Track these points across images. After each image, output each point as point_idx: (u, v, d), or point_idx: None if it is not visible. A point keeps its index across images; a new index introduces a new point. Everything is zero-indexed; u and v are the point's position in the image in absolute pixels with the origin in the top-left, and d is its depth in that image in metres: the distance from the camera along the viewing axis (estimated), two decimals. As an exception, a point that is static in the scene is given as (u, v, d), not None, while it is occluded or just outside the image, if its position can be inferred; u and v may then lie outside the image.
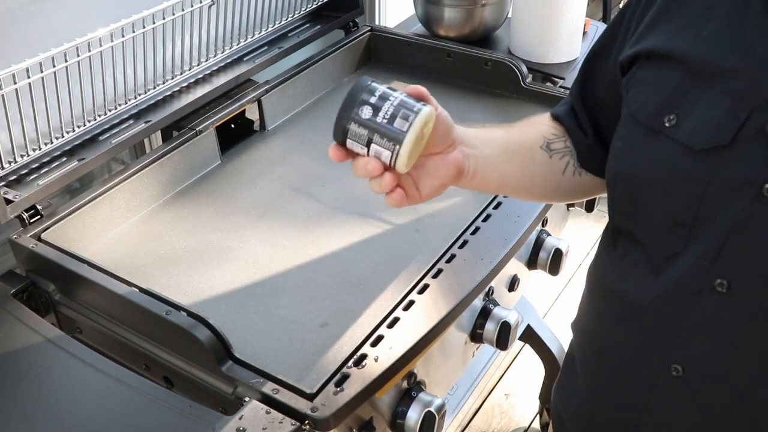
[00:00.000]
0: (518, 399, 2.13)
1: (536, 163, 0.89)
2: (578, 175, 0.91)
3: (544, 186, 0.92)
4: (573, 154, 0.90)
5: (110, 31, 1.14)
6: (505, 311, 1.15)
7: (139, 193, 1.24)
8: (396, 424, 0.99)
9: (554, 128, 0.92)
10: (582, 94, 0.91)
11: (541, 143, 0.89)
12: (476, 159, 0.82)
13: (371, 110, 0.75)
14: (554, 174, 0.90)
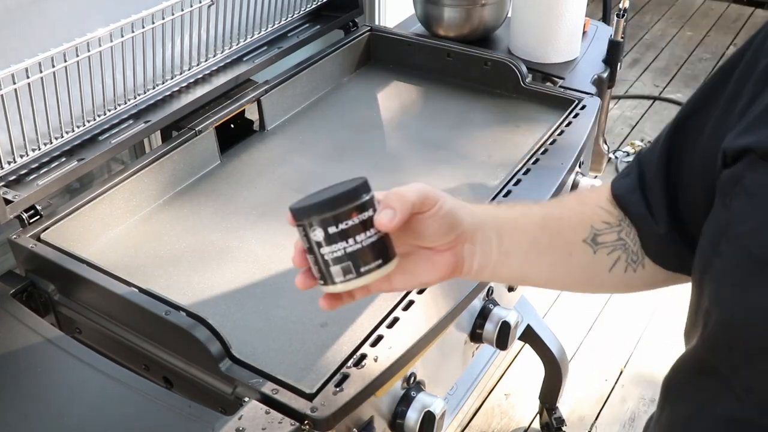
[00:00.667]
0: (518, 399, 2.13)
1: (573, 259, 0.72)
2: (632, 271, 0.72)
3: (580, 284, 0.76)
4: (627, 248, 0.72)
5: (110, 31, 1.14)
6: (504, 311, 1.15)
7: (138, 193, 1.24)
8: (396, 424, 0.99)
9: (609, 213, 0.72)
10: (666, 171, 0.69)
11: (586, 235, 0.71)
12: (486, 257, 0.68)
13: (323, 234, 0.62)
14: (597, 272, 0.72)
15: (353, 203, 0.62)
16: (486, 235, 0.68)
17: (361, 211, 0.62)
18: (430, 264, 0.67)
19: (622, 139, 3.31)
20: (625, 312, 2.42)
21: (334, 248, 0.63)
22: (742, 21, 4.30)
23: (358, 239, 0.62)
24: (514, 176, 1.25)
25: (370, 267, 0.63)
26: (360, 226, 0.62)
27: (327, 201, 0.62)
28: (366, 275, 0.64)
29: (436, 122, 1.49)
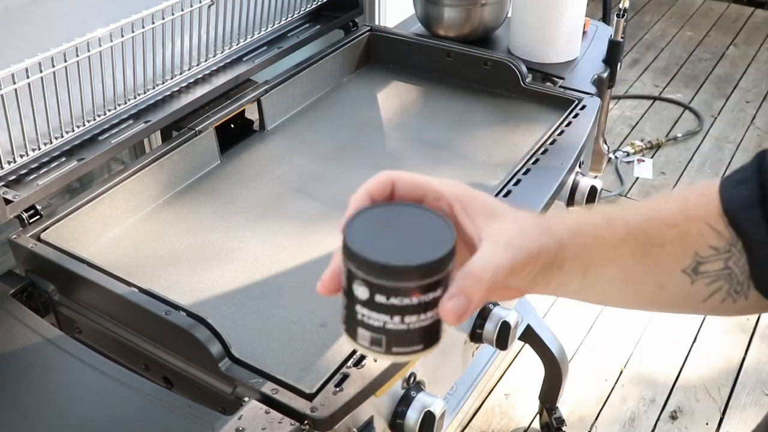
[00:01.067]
0: (518, 399, 2.13)
1: (665, 291, 0.60)
2: (731, 302, 0.60)
3: (662, 308, 0.65)
4: (732, 278, 0.59)
5: (110, 31, 1.14)
6: (504, 311, 1.15)
7: (138, 193, 1.24)
8: (395, 424, 0.99)
9: (718, 235, 0.58)
10: None
11: (687, 264, 0.58)
12: (563, 289, 0.57)
13: (368, 296, 0.50)
14: (688, 301, 0.61)
15: (421, 281, 0.48)
16: (568, 269, 0.56)
17: (426, 292, 0.49)
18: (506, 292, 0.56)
19: (622, 139, 3.31)
20: (625, 312, 2.42)
21: (373, 316, 0.50)
22: (742, 21, 4.30)
23: (407, 320, 0.50)
24: (514, 176, 1.25)
25: (406, 350, 0.51)
26: (417, 308, 0.49)
27: (389, 267, 0.47)
28: (396, 356, 0.52)
29: (436, 122, 1.49)
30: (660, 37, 4.12)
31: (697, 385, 2.18)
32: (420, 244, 0.48)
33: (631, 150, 3.18)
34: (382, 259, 0.47)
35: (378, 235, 0.50)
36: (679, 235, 0.58)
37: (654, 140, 3.25)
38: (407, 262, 0.47)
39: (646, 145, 3.23)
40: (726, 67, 3.83)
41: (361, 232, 0.50)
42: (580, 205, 1.38)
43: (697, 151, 3.24)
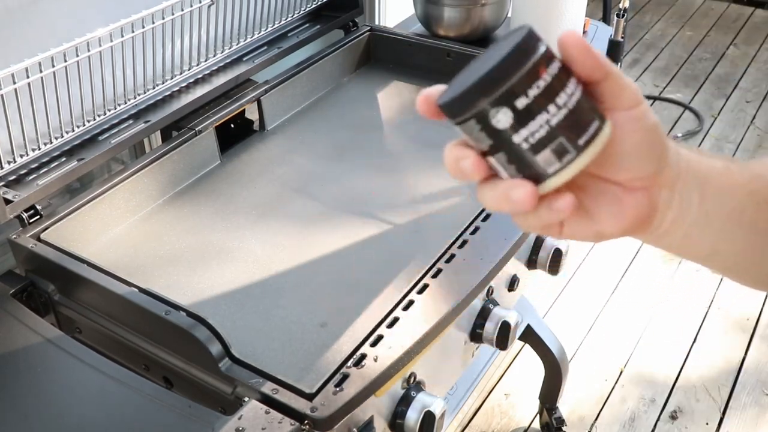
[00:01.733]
0: (518, 399, 2.13)
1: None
2: None
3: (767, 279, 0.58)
4: None
5: (110, 31, 1.14)
6: (504, 311, 1.15)
7: (138, 193, 1.24)
8: (396, 424, 0.99)
9: None
10: None
11: None
12: (681, 215, 0.51)
13: (511, 114, 0.45)
14: None
15: (536, 55, 0.45)
16: (688, 186, 0.51)
17: (549, 63, 0.45)
18: (617, 205, 0.49)
19: (622, 139, 3.31)
20: (625, 312, 2.42)
21: (533, 127, 0.45)
22: (742, 21, 4.30)
23: (560, 102, 0.45)
24: (514, 176, 1.25)
25: (589, 134, 0.46)
26: (556, 84, 0.45)
27: (501, 66, 0.44)
28: (587, 148, 0.46)
29: (436, 122, 1.48)
30: (660, 37, 4.12)
31: (697, 385, 2.18)
32: (508, 43, 0.45)
33: (631, 150, 3.18)
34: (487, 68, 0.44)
35: (468, 76, 0.46)
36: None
37: (654, 140, 3.25)
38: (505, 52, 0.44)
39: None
40: (726, 67, 3.83)
41: (456, 88, 0.48)
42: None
43: (697, 151, 3.24)
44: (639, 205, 0.50)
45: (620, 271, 2.59)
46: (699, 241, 0.54)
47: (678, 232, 0.52)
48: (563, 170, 0.46)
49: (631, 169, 0.48)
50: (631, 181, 0.49)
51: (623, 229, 0.50)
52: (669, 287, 2.52)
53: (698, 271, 2.59)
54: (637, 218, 0.50)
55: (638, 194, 0.49)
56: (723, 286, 2.53)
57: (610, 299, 2.47)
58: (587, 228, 0.51)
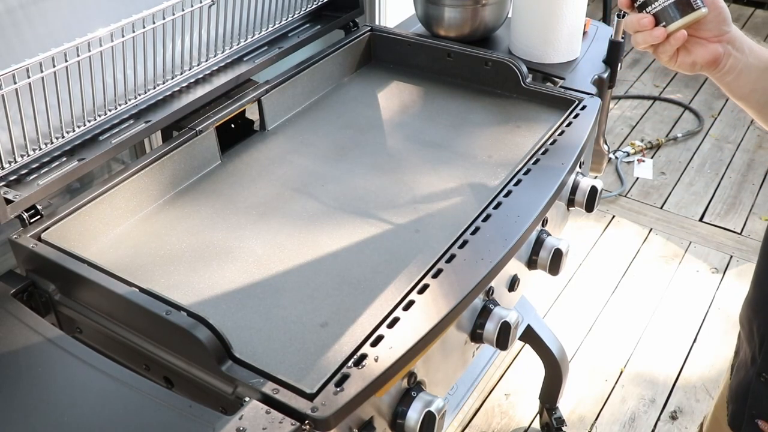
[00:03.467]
0: (518, 399, 2.13)
1: None
2: None
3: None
4: None
5: (110, 31, 1.14)
6: (505, 311, 1.15)
7: (139, 193, 1.24)
8: (396, 424, 0.99)
9: None
10: None
11: None
12: (736, 61, 0.93)
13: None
14: None
15: None
16: (742, 45, 0.93)
17: None
18: (704, 48, 0.93)
19: (622, 139, 3.31)
20: (625, 312, 2.42)
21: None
22: (742, 21, 4.30)
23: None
24: (515, 176, 1.25)
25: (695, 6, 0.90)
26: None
27: None
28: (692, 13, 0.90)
29: (436, 122, 1.49)
30: (660, 37, 4.11)
31: (697, 385, 2.18)
32: None
33: (631, 150, 3.19)
34: None
35: None
36: None
37: (654, 140, 3.26)
38: None
39: (647, 146, 3.23)
40: (726, 68, 3.82)
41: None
42: (580, 205, 1.38)
43: (697, 151, 3.25)
44: (716, 49, 0.93)
45: (620, 271, 2.59)
46: (745, 80, 0.95)
47: (734, 71, 0.94)
48: (680, 20, 0.91)
49: (712, 30, 0.92)
50: (712, 37, 0.93)
51: (707, 61, 0.93)
52: (669, 287, 2.53)
53: (698, 271, 2.59)
54: (714, 56, 0.93)
55: (715, 44, 0.93)
56: (723, 286, 2.53)
57: (610, 299, 2.47)
58: (689, 59, 0.94)
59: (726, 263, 2.63)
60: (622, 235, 2.77)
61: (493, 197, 1.20)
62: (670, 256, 2.66)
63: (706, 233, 2.78)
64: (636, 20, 0.93)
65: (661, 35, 0.92)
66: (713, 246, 2.71)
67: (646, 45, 0.93)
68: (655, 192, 3.00)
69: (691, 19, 0.91)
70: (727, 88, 0.97)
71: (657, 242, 2.73)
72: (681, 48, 0.93)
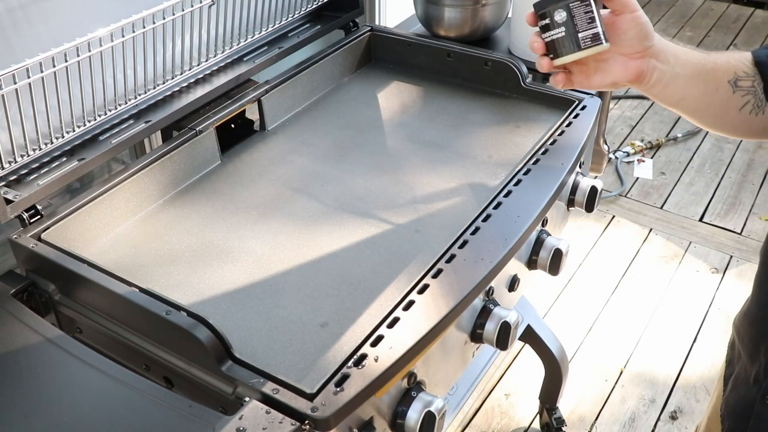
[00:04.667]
0: (518, 399, 2.13)
1: (718, 94, 0.94)
2: (754, 115, 0.95)
3: (717, 116, 0.98)
4: (756, 95, 0.95)
5: (110, 31, 1.14)
6: (505, 311, 1.15)
7: (139, 193, 1.24)
8: (396, 424, 0.99)
9: (747, 67, 0.95)
10: None
11: (730, 78, 0.94)
12: (662, 74, 0.90)
13: (566, 16, 0.86)
14: (731, 109, 0.95)
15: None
16: (666, 57, 0.90)
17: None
18: (624, 67, 0.89)
19: (622, 139, 3.31)
20: (625, 312, 2.42)
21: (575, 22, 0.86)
22: (742, 21, 4.30)
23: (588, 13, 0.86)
24: (515, 176, 1.25)
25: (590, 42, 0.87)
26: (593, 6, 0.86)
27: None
28: (586, 50, 0.87)
29: (436, 122, 1.49)
30: (660, 37, 4.12)
31: (697, 385, 2.18)
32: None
33: (631, 150, 3.18)
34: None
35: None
36: (725, 61, 0.95)
37: (654, 140, 3.26)
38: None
39: (646, 146, 3.23)
40: (726, 68, 3.82)
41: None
42: (580, 205, 1.38)
43: (697, 151, 3.25)
44: (636, 66, 0.89)
45: (620, 271, 2.59)
46: (673, 90, 0.93)
47: (660, 83, 0.91)
48: (565, 57, 0.88)
49: (633, 47, 0.88)
50: (633, 54, 0.89)
51: (629, 80, 0.90)
52: (669, 287, 2.53)
53: (698, 271, 2.59)
54: (635, 73, 0.89)
55: (636, 61, 0.89)
56: (723, 286, 2.53)
57: (610, 299, 2.47)
58: (608, 79, 0.91)
59: (726, 263, 2.63)
60: (622, 235, 2.77)
61: (493, 197, 1.20)
62: (670, 256, 2.66)
63: (706, 233, 2.78)
64: (530, 41, 0.92)
65: (546, 67, 0.91)
66: (713, 246, 2.71)
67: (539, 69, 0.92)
68: (655, 192, 3.00)
69: (579, 57, 0.88)
70: (656, 98, 0.95)
71: (657, 242, 2.73)
72: (599, 69, 0.91)
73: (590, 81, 0.92)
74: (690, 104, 0.96)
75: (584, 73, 0.92)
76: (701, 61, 0.94)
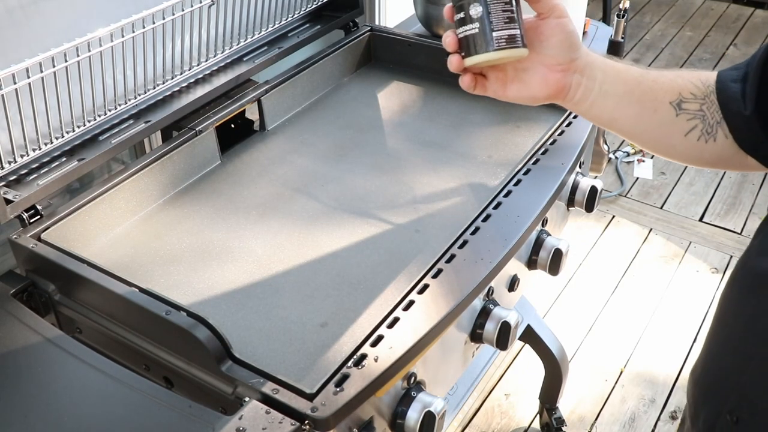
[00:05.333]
0: (518, 399, 2.13)
1: (657, 116, 0.84)
2: (704, 142, 0.84)
3: (658, 141, 0.88)
4: (705, 120, 0.84)
5: (110, 31, 1.14)
6: (505, 311, 1.15)
7: (139, 193, 1.24)
8: (396, 424, 0.99)
9: (697, 88, 0.84)
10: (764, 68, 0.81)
11: (673, 99, 0.84)
12: (587, 91, 0.81)
13: (482, 11, 0.77)
14: (674, 133, 0.85)
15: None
16: (593, 72, 0.81)
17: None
18: (544, 80, 0.80)
19: (622, 140, 3.31)
20: (625, 312, 2.42)
21: (493, 17, 0.77)
22: (742, 21, 4.30)
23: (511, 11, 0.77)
24: (515, 176, 1.25)
25: (506, 44, 0.77)
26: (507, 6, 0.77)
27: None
28: (501, 51, 0.77)
29: (436, 122, 1.49)
30: (660, 37, 4.12)
31: (697, 385, 2.18)
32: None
33: (631, 150, 3.18)
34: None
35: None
36: (669, 79, 0.84)
37: (654, 140, 3.25)
38: None
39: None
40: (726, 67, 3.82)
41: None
42: (580, 205, 1.38)
43: (697, 151, 3.24)
44: (557, 81, 0.80)
45: (620, 271, 2.59)
46: (601, 109, 0.83)
47: (586, 101, 0.82)
48: (476, 56, 0.79)
49: (555, 57, 0.79)
50: (554, 66, 0.80)
51: (548, 95, 0.81)
52: (669, 287, 2.53)
53: (698, 271, 2.59)
54: (556, 89, 0.80)
55: (558, 74, 0.80)
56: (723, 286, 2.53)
57: (610, 299, 2.47)
58: (525, 92, 0.81)
59: (726, 263, 2.63)
60: (622, 235, 2.77)
61: (493, 197, 1.20)
62: (670, 256, 2.66)
63: (706, 233, 2.78)
64: (444, 36, 0.81)
65: (455, 65, 0.81)
66: (713, 246, 2.71)
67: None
68: (655, 192, 3.00)
69: (491, 59, 0.78)
70: (584, 116, 0.86)
71: (657, 242, 2.73)
72: (517, 79, 0.81)
73: (506, 91, 0.82)
74: (624, 125, 0.86)
75: (500, 81, 0.82)
76: (637, 78, 0.84)
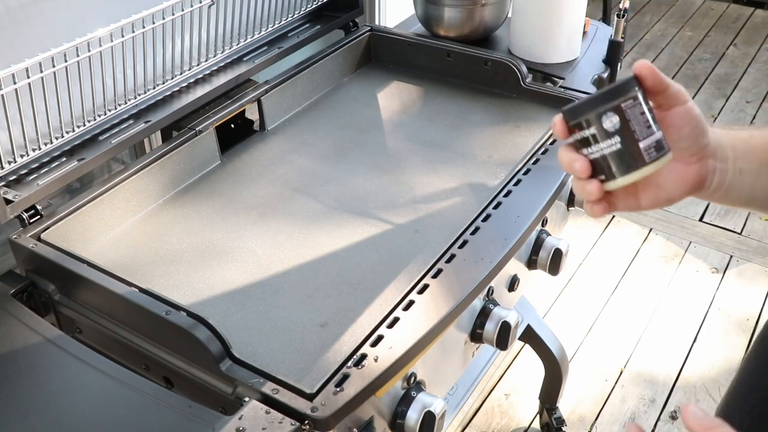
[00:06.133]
0: (518, 399, 2.13)
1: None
2: None
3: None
4: None
5: (110, 31, 1.14)
6: (505, 311, 1.15)
7: (139, 193, 1.24)
8: (396, 424, 0.99)
9: None
10: None
11: None
12: (723, 174, 0.71)
13: (619, 122, 0.65)
14: None
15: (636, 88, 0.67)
16: (724, 153, 0.72)
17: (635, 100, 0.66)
18: (680, 178, 0.70)
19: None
20: (625, 312, 2.42)
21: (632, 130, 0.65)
22: (742, 21, 4.30)
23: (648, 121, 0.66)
24: (515, 176, 1.25)
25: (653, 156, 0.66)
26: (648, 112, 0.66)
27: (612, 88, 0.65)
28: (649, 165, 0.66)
29: (436, 122, 1.49)
30: (660, 37, 4.12)
31: (697, 385, 2.18)
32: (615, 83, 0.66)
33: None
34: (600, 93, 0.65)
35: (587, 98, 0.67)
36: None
37: (654, 140, 3.25)
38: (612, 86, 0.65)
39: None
40: (726, 67, 3.83)
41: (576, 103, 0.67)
42: (580, 205, 1.38)
43: (697, 151, 3.24)
44: (694, 174, 0.70)
45: (620, 271, 2.59)
46: (739, 190, 0.73)
47: (723, 187, 0.72)
48: (624, 177, 0.66)
49: (689, 148, 0.69)
50: (689, 158, 0.70)
51: (686, 192, 0.71)
52: (669, 287, 2.52)
53: (698, 271, 2.59)
54: (694, 183, 0.71)
55: (693, 167, 0.70)
56: (723, 286, 2.53)
57: (610, 299, 2.47)
58: (661, 196, 0.71)
59: (726, 263, 2.63)
60: (622, 235, 2.77)
61: (493, 197, 1.20)
62: (670, 256, 2.66)
63: (706, 233, 2.78)
64: (568, 161, 0.69)
65: (594, 192, 0.68)
66: (713, 246, 2.71)
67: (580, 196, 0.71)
68: (655, 192, 2.99)
69: (644, 175, 0.66)
70: (720, 202, 0.76)
71: (657, 242, 2.73)
72: (649, 184, 0.71)
73: (639, 202, 0.71)
74: (763, 201, 0.75)
75: (631, 193, 0.71)
76: (766, 145, 0.73)
